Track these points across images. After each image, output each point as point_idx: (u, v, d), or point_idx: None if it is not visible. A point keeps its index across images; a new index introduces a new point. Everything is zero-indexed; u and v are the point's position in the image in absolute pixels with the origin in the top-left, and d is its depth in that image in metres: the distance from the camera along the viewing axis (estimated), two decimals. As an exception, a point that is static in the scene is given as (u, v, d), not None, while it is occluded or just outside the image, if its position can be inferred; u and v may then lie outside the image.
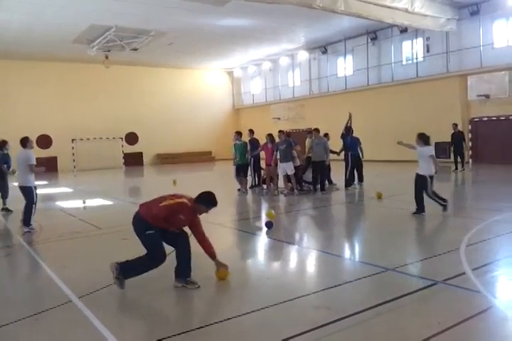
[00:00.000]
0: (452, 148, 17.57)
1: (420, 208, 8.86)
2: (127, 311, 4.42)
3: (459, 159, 17.21)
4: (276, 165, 12.53)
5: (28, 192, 8.47)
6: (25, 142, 8.49)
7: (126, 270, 4.91)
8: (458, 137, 17.33)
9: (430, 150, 8.87)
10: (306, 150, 13.52)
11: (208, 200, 5.04)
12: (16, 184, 8.78)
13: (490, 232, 7.17)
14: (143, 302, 4.65)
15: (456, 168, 17.12)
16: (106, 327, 3.93)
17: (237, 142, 13.34)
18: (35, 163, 8.39)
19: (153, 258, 4.91)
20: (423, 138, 8.87)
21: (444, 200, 8.88)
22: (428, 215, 8.87)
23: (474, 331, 3.75)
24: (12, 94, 26.55)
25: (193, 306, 4.44)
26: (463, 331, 3.71)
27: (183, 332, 3.78)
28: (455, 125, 17.57)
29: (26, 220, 8.44)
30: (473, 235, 6.84)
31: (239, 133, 13.59)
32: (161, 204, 4.88)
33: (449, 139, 17.90)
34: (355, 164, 13.24)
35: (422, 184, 8.84)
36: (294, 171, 12.26)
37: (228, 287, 5.07)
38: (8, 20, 19.05)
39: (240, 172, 13.21)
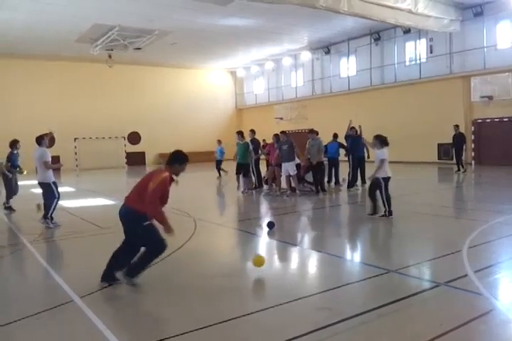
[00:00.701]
0: (454, 150, 17.50)
1: (386, 210, 8.54)
2: (128, 311, 4.42)
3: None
4: (277, 165, 12.54)
5: (45, 188, 8.77)
6: (40, 140, 8.87)
7: (133, 272, 4.98)
8: (458, 138, 17.25)
9: (383, 153, 8.53)
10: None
11: (179, 158, 5.16)
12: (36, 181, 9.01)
13: (492, 234, 7.14)
14: (144, 302, 4.65)
15: (459, 170, 17.10)
16: (107, 327, 3.93)
17: (239, 142, 13.40)
18: (49, 159, 8.72)
19: (156, 250, 4.98)
20: (380, 140, 8.61)
21: (390, 212, 8.52)
22: (430, 217, 8.85)
23: (476, 333, 3.74)
24: (15, 92, 26.61)
25: (195, 307, 4.44)
26: (465, 333, 3.70)
27: (184, 333, 3.78)
28: (456, 126, 17.51)
29: (46, 215, 8.79)
30: (476, 237, 6.81)
31: (240, 133, 13.64)
32: (151, 189, 4.84)
33: (451, 140, 17.87)
34: (358, 165, 13.25)
35: (376, 186, 8.56)
36: (296, 171, 12.26)
37: (229, 288, 5.06)
38: (11, 19, 19.10)
39: (241, 170, 13.28)
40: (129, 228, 5.05)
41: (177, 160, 5.14)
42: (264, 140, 18.27)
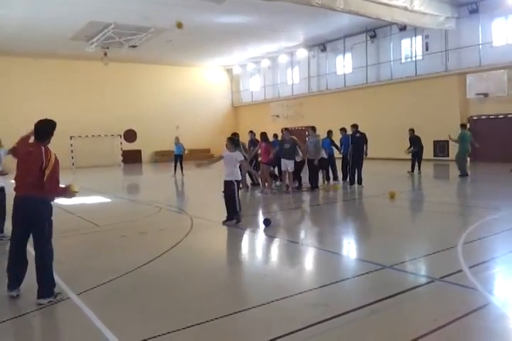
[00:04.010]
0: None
1: (231, 217, 8.34)
2: (125, 307, 4.43)
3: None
4: (270, 164, 12.84)
5: None
6: None
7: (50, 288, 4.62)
8: (415, 141, 16.44)
9: (240, 155, 8.49)
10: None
11: (50, 127, 4.73)
12: None
13: (487, 230, 7.19)
14: (140, 298, 4.66)
15: (413, 171, 16.36)
16: (104, 324, 3.94)
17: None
18: None
19: (48, 249, 4.64)
20: (233, 142, 8.57)
21: (239, 219, 8.27)
22: (425, 213, 8.89)
23: (471, 328, 3.77)
24: (10, 90, 26.49)
25: (191, 303, 4.45)
26: (459, 328, 3.73)
27: (180, 329, 3.79)
28: (411, 130, 16.62)
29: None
30: (471, 233, 6.86)
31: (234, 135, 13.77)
32: (48, 171, 4.47)
33: (447, 137, 17.70)
34: (347, 162, 13.72)
35: (230, 190, 8.32)
36: (293, 169, 12.32)
37: (225, 284, 5.08)
38: (6, 16, 19.01)
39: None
40: (38, 221, 4.60)
41: (48, 130, 4.72)
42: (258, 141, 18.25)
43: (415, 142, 16.41)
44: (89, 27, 21.23)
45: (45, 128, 4.72)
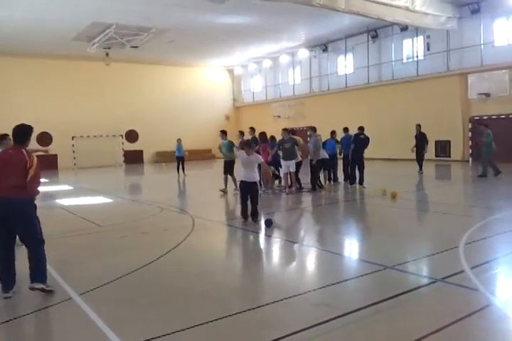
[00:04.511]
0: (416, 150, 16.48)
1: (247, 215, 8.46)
2: (126, 308, 4.43)
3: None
4: (269, 164, 12.60)
5: None
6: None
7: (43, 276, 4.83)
8: (420, 139, 16.37)
9: (259, 158, 8.62)
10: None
11: (26, 132, 4.95)
12: None
13: (489, 231, 7.18)
14: (142, 299, 4.67)
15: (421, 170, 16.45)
16: (106, 324, 3.95)
17: (223, 141, 13.42)
18: None
19: (43, 241, 4.92)
20: (250, 146, 8.72)
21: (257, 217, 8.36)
22: (427, 213, 8.88)
23: (473, 329, 3.76)
24: (12, 91, 26.52)
25: (193, 303, 4.46)
26: (461, 329, 3.73)
27: (181, 330, 3.80)
28: (418, 126, 16.44)
29: None
30: (473, 233, 6.85)
31: (223, 132, 13.66)
32: (32, 171, 4.66)
33: (448, 137, 17.70)
34: (348, 162, 13.68)
35: (255, 191, 8.45)
36: (295, 169, 12.31)
37: (228, 284, 5.08)
38: (8, 17, 19.03)
39: (227, 168, 13.11)
40: (24, 220, 4.78)
41: (26, 135, 4.94)
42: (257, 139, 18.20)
43: (421, 139, 16.26)
44: (91, 27, 21.25)
45: (22, 133, 4.93)
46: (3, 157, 4.88)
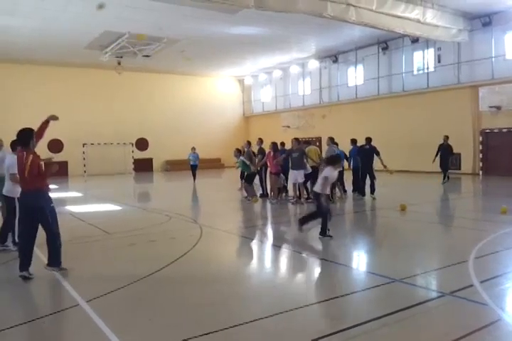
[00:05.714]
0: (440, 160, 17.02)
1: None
2: (134, 315, 4.43)
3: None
4: (278, 174, 12.59)
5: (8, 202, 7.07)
6: (14, 145, 6.81)
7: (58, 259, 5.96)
8: (445, 149, 16.85)
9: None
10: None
11: (26, 136, 5.69)
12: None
13: (499, 244, 7.10)
14: (149, 306, 4.67)
15: (445, 179, 16.75)
16: (112, 332, 3.95)
17: (239, 159, 13.74)
18: (16, 171, 6.09)
19: (57, 233, 5.90)
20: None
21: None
22: (437, 226, 8.81)
23: (481, 344, 3.72)
24: (24, 98, 26.87)
25: (199, 312, 4.45)
26: (470, 344, 3.68)
27: (188, 338, 3.79)
28: (446, 137, 17.08)
29: (2, 235, 7.20)
30: (483, 247, 6.78)
31: (239, 151, 14.08)
32: (28, 167, 5.54)
33: (459, 150, 17.65)
34: (355, 174, 13.69)
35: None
36: (303, 179, 12.26)
37: (234, 294, 5.07)
38: (22, 26, 19.34)
39: (244, 175, 13.40)
40: (40, 211, 5.71)
41: (27, 137, 5.69)
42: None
43: (446, 150, 16.40)
44: (104, 36, 21.54)
45: (23, 136, 5.70)
46: (17, 159, 5.84)
